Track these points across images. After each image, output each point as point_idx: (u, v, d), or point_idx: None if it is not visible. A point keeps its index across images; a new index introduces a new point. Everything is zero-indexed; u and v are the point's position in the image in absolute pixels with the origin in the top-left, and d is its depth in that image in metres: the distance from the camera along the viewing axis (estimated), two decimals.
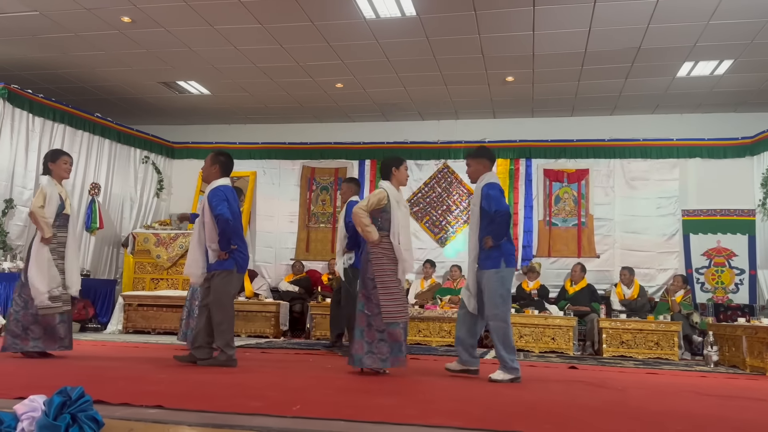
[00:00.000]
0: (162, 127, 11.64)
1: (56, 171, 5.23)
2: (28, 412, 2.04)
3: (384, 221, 4.81)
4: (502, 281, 4.60)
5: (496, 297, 4.57)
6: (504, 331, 4.54)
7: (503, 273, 4.60)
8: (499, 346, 4.53)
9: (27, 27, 7.90)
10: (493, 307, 4.59)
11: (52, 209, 5.11)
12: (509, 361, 4.49)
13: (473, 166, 4.97)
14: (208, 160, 5.19)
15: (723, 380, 5.56)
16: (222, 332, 4.89)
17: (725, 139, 9.82)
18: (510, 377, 4.48)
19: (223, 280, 4.93)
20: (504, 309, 4.58)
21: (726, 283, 9.54)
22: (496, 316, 4.57)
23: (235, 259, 4.96)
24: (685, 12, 6.92)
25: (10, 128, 8.55)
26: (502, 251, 4.62)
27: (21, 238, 8.61)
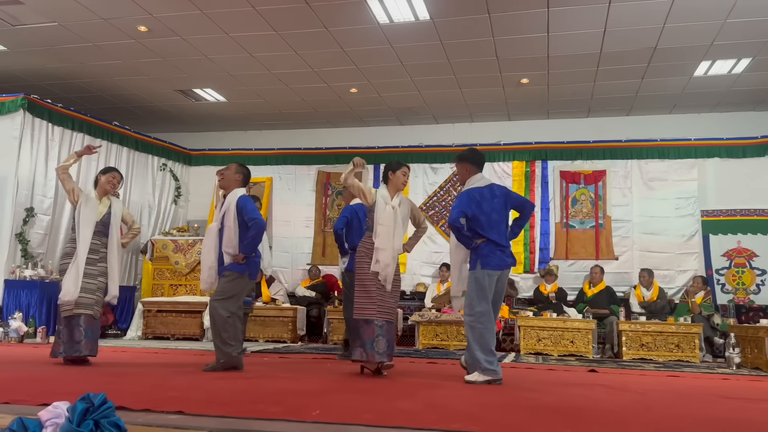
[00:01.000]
0: (179, 134, 11.75)
1: (100, 184, 5.35)
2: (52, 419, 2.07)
3: (371, 220, 4.98)
4: (475, 281, 4.61)
5: (472, 298, 4.60)
6: (480, 332, 4.52)
7: (477, 274, 4.60)
8: (474, 347, 4.52)
9: (46, 38, 8.02)
10: (467, 308, 4.64)
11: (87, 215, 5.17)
12: (485, 363, 4.46)
13: (457, 170, 5.04)
14: (233, 167, 5.27)
15: (746, 383, 5.49)
16: (219, 330, 4.88)
17: (744, 138, 9.71)
18: (486, 379, 4.44)
19: (232, 281, 4.97)
20: (479, 310, 4.54)
21: (747, 284, 9.42)
22: (473, 319, 4.57)
23: (249, 265, 5.03)
24: (701, 11, 6.86)
25: (30, 138, 8.67)
26: (479, 253, 4.64)
27: (42, 246, 8.72)
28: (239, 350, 5.00)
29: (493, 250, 4.64)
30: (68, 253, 5.18)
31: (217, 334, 4.89)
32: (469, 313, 4.60)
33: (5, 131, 8.51)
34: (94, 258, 5.19)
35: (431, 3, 6.86)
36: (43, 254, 8.69)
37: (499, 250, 4.66)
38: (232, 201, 5.05)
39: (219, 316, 4.88)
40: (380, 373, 4.82)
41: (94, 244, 5.20)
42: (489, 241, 4.64)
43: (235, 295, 4.99)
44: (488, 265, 4.60)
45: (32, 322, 7.86)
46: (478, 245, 4.64)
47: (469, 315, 4.60)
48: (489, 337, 4.53)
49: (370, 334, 4.73)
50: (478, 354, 4.49)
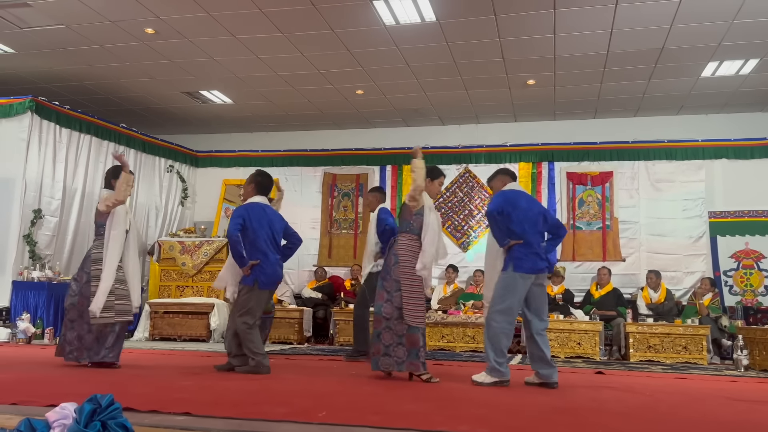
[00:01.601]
0: (186, 136, 11.78)
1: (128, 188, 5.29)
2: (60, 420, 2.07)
3: (417, 224, 4.83)
4: (503, 282, 4.58)
5: (496, 296, 4.57)
6: (495, 331, 4.49)
7: (508, 275, 4.57)
8: (488, 344, 4.50)
9: (53, 40, 8.06)
10: (490, 306, 4.60)
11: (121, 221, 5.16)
12: (495, 364, 4.44)
13: (495, 186, 5.02)
14: (247, 179, 5.41)
15: (754, 385, 5.45)
16: (245, 341, 5.00)
17: (752, 139, 9.67)
18: (493, 380, 4.42)
19: (244, 295, 5.09)
20: (500, 309, 4.51)
21: (755, 286, 9.37)
22: (490, 316, 4.55)
23: (256, 276, 5.04)
24: (708, 12, 6.83)
25: (38, 140, 8.71)
26: (512, 255, 4.60)
27: (50, 247, 8.76)
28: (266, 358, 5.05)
29: (528, 253, 4.61)
30: (99, 259, 5.07)
31: (246, 345, 5.00)
32: (490, 311, 4.57)
33: (13, 133, 8.55)
34: (120, 265, 5.19)
35: (437, 4, 6.86)
36: (50, 256, 8.73)
37: (533, 254, 4.62)
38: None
39: (240, 330, 5.01)
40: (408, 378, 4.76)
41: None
42: (524, 243, 4.61)
43: (250, 308, 5.05)
44: (521, 268, 4.56)
45: (40, 323, 7.89)
46: (512, 246, 4.60)
47: (490, 313, 4.57)
48: (504, 338, 4.50)
49: (416, 342, 4.61)
50: (488, 352, 4.47)
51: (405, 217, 4.86)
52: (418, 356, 4.60)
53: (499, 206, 4.67)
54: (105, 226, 5.13)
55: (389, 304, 4.66)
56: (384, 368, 4.63)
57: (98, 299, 4.93)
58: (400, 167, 10.86)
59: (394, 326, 4.62)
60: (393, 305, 4.64)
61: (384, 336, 4.64)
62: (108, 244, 5.08)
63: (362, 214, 10.89)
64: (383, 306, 4.69)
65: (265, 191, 5.37)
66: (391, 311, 4.64)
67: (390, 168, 10.94)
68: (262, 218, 5.16)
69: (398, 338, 4.61)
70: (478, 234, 10.39)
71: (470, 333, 8.09)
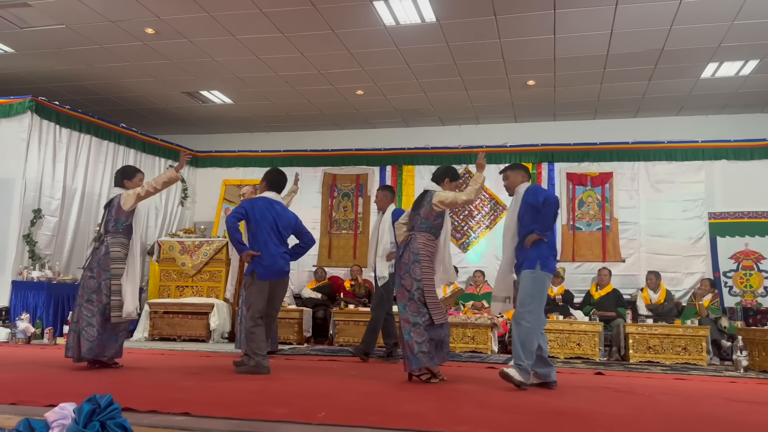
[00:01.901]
0: (186, 136, 11.78)
1: (130, 187, 5.30)
2: (59, 420, 2.07)
3: (437, 225, 4.84)
4: (533, 281, 4.53)
5: (525, 296, 4.53)
6: (526, 330, 4.45)
7: (537, 274, 4.54)
8: (517, 344, 4.47)
9: (53, 40, 8.06)
10: (520, 305, 4.54)
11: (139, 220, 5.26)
12: (525, 365, 4.42)
13: (511, 177, 4.92)
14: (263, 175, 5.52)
15: (753, 386, 5.46)
16: (247, 340, 5.05)
17: (752, 140, 9.67)
18: (520, 379, 4.38)
19: (246, 288, 5.19)
20: (531, 309, 4.49)
21: (755, 287, 9.37)
22: (521, 315, 4.50)
23: (254, 266, 5.11)
24: (708, 13, 6.83)
25: (38, 139, 8.71)
26: (539, 253, 4.56)
27: (49, 247, 8.75)
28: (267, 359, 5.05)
29: (552, 254, 4.65)
30: (120, 257, 5.09)
31: (248, 343, 5.06)
32: (521, 311, 4.52)
33: (13, 133, 8.55)
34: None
35: (437, 5, 6.86)
36: (50, 255, 8.73)
37: (554, 254, 4.68)
38: None
39: (245, 327, 5.10)
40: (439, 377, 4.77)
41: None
42: (550, 242, 4.64)
43: (252, 305, 5.10)
44: (547, 267, 4.57)
45: (39, 323, 7.89)
46: (539, 246, 4.57)
47: (520, 312, 4.52)
48: (535, 338, 4.48)
49: (442, 336, 4.68)
50: (518, 352, 4.44)
51: (426, 216, 4.83)
52: (442, 349, 4.69)
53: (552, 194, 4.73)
54: (126, 224, 5.16)
55: (413, 303, 4.67)
56: (423, 364, 4.62)
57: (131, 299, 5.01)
58: (400, 167, 10.86)
59: (422, 323, 4.63)
60: (417, 303, 4.66)
61: (414, 334, 4.63)
62: (135, 243, 5.16)
63: (362, 214, 10.90)
64: (408, 305, 4.69)
65: (277, 188, 5.43)
66: (417, 309, 4.65)
67: (390, 168, 10.94)
68: (267, 211, 5.20)
69: (428, 333, 4.63)
70: (477, 235, 10.38)
71: (470, 333, 8.08)
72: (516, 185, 4.90)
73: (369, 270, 6.93)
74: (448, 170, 5.09)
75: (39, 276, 8.20)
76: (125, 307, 5.01)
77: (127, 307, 5.01)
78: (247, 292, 5.16)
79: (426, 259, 4.75)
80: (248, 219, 5.14)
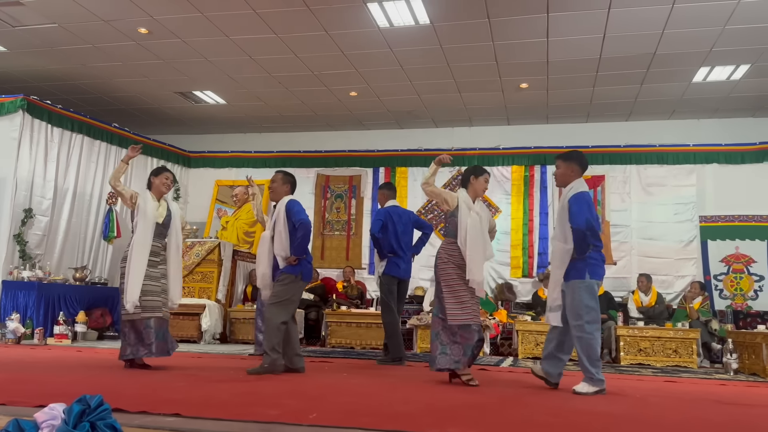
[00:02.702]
0: (178, 136, 11.75)
1: (155, 185, 5.34)
2: (48, 420, 2.06)
3: (452, 225, 4.82)
4: (586, 291, 4.44)
5: (581, 307, 4.42)
6: (588, 342, 4.39)
7: (588, 283, 4.44)
8: (583, 357, 4.39)
9: (46, 39, 8.03)
10: (576, 318, 4.43)
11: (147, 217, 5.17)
12: (594, 374, 4.35)
13: (561, 169, 4.73)
14: (280, 178, 5.45)
15: (743, 388, 5.49)
16: (269, 335, 5.02)
17: (743, 144, 9.73)
18: (595, 389, 4.34)
19: (285, 285, 5.13)
20: (589, 319, 4.40)
21: (745, 290, 9.42)
22: (580, 327, 4.41)
23: (301, 266, 5.15)
24: (700, 17, 6.88)
25: (30, 139, 8.67)
26: (588, 262, 4.48)
27: (40, 247, 8.71)
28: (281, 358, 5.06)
29: (600, 261, 4.55)
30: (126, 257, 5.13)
31: (268, 339, 5.01)
32: (578, 323, 4.42)
33: (4, 132, 8.50)
34: (155, 260, 5.19)
35: (431, 7, 6.87)
36: (41, 255, 8.68)
37: (602, 260, 4.58)
38: (281, 207, 5.25)
39: (272, 323, 5.03)
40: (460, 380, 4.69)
41: (154, 247, 5.19)
42: (596, 249, 4.53)
43: (289, 299, 5.12)
44: (596, 275, 4.49)
45: (29, 323, 7.84)
46: (588, 254, 4.48)
47: (578, 325, 4.41)
48: (597, 347, 4.44)
49: (469, 339, 4.61)
50: (586, 365, 4.37)
51: (445, 221, 4.90)
52: (473, 354, 4.63)
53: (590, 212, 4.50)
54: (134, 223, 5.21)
55: (440, 305, 4.72)
56: (442, 366, 4.61)
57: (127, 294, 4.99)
58: (393, 169, 10.87)
59: (448, 325, 4.63)
60: (440, 306, 4.70)
61: (442, 335, 4.65)
62: (132, 240, 5.14)
63: (355, 215, 10.89)
64: (438, 308, 4.75)
65: (294, 191, 5.49)
66: (443, 311, 4.68)
67: (383, 170, 10.95)
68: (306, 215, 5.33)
69: (453, 336, 4.61)
70: None
71: None
72: (567, 180, 4.70)
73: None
74: (469, 170, 5.04)
75: (29, 276, 8.15)
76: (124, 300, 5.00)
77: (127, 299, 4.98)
78: (285, 287, 5.11)
79: (443, 262, 4.76)
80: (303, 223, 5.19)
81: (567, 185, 4.70)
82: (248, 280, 9.87)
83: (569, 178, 4.69)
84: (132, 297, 4.98)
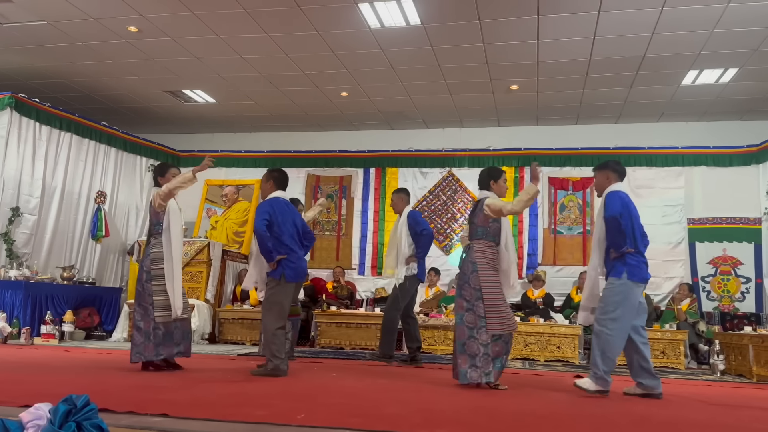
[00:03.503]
0: (168, 135, 11.69)
1: (164, 184, 5.27)
2: (34, 420, 2.05)
3: (494, 230, 4.73)
4: (617, 289, 4.44)
5: (609, 303, 4.43)
6: (606, 339, 4.37)
7: (623, 282, 4.44)
8: (597, 352, 4.37)
9: (34, 36, 7.96)
10: (601, 312, 4.44)
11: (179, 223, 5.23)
12: (602, 371, 4.33)
13: (598, 179, 4.83)
14: (263, 177, 5.42)
15: (730, 389, 5.53)
16: (267, 341, 5.00)
17: (731, 147, 9.80)
18: (597, 388, 4.33)
19: (271, 289, 5.09)
20: (613, 316, 4.39)
21: (732, 292, 9.49)
22: (602, 322, 4.41)
23: (282, 270, 5.04)
24: (689, 21, 6.92)
25: (17, 137, 8.60)
26: (626, 262, 4.48)
27: (27, 246, 8.65)
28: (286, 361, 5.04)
29: (641, 262, 4.54)
30: (160, 258, 5.04)
31: (267, 347, 4.99)
32: (602, 317, 4.42)
33: None
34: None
35: (422, 8, 6.88)
36: (28, 254, 8.62)
37: (644, 263, 4.56)
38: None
39: (267, 330, 5.02)
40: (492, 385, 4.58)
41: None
42: (637, 251, 4.52)
43: (278, 303, 5.05)
44: (635, 276, 4.47)
45: (16, 322, 7.78)
46: (626, 253, 4.48)
47: (601, 319, 4.41)
48: (616, 347, 4.40)
49: (500, 352, 4.51)
50: (597, 360, 4.36)
51: (480, 223, 4.73)
52: (502, 365, 4.55)
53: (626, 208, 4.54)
54: (161, 225, 5.13)
55: (471, 314, 4.56)
56: (473, 380, 4.50)
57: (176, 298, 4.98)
58: (383, 169, 10.87)
59: (479, 335, 4.51)
60: (476, 314, 4.54)
61: (469, 346, 4.53)
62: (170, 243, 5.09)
63: (345, 216, 10.88)
64: (465, 315, 4.60)
65: (284, 186, 5.39)
66: (474, 320, 4.54)
67: (374, 170, 10.94)
68: (286, 213, 5.19)
69: (484, 347, 4.50)
70: (460, 237, 10.42)
71: (451, 336, 8.08)
72: (602, 188, 4.75)
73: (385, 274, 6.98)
74: (490, 172, 4.95)
75: (16, 275, 8.09)
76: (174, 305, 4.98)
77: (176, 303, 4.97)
78: (272, 292, 5.07)
79: (484, 267, 4.62)
80: (271, 222, 5.05)
81: (603, 191, 4.75)
82: (237, 280, 9.83)
83: (605, 185, 4.76)
84: (179, 300, 4.99)
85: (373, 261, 10.64)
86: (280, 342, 4.99)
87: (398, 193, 6.86)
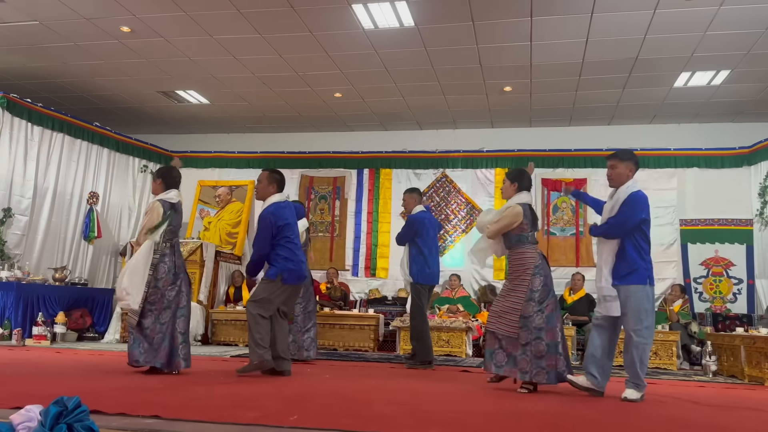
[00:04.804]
0: (161, 136, 11.66)
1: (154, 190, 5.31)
2: (24, 422, 2.03)
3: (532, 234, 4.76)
4: (645, 296, 4.39)
5: (642, 311, 4.36)
6: (644, 347, 4.36)
7: (647, 290, 4.40)
8: (637, 362, 4.34)
9: (27, 36, 7.93)
10: (636, 322, 4.35)
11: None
12: (642, 380, 4.35)
13: (619, 168, 4.61)
14: (265, 178, 5.33)
15: (721, 390, 5.55)
16: (250, 330, 4.99)
17: (723, 148, 9.85)
18: (640, 395, 4.33)
19: (262, 285, 5.12)
20: (648, 324, 4.37)
21: (724, 293, 9.54)
22: (639, 332, 4.35)
23: (280, 270, 5.04)
24: (681, 23, 6.95)
25: (9, 137, 8.56)
26: (647, 265, 4.44)
27: (19, 246, 8.60)
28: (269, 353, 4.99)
29: (651, 267, 4.49)
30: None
31: (251, 336, 4.98)
32: (638, 327, 4.34)
33: None
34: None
35: (416, 10, 6.89)
36: (20, 255, 8.57)
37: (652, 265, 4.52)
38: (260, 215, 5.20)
39: (248, 316, 5.01)
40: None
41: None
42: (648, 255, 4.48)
43: (264, 299, 5.04)
44: (652, 281, 4.45)
45: (8, 324, 7.73)
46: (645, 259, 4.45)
47: (638, 329, 4.34)
48: (649, 351, 4.44)
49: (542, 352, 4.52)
50: (638, 370, 4.32)
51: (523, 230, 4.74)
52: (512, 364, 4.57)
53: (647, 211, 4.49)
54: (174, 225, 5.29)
55: (540, 315, 4.54)
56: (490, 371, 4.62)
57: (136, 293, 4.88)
58: (377, 171, 10.87)
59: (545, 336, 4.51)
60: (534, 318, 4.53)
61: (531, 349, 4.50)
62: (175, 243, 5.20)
63: (339, 217, 10.88)
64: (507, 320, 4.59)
65: (283, 188, 5.38)
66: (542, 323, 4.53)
67: (367, 171, 10.94)
68: (292, 216, 5.23)
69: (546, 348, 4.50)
70: (454, 238, 10.43)
71: (444, 337, 8.11)
72: (622, 181, 4.60)
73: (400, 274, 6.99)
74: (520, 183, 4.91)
75: (8, 276, 8.04)
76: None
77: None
78: (261, 288, 5.08)
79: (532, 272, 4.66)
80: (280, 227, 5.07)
81: (622, 185, 4.59)
82: (230, 281, 9.81)
83: (625, 178, 4.59)
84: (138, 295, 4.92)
85: (367, 262, 10.64)
86: (264, 331, 4.95)
87: (410, 193, 6.78)
